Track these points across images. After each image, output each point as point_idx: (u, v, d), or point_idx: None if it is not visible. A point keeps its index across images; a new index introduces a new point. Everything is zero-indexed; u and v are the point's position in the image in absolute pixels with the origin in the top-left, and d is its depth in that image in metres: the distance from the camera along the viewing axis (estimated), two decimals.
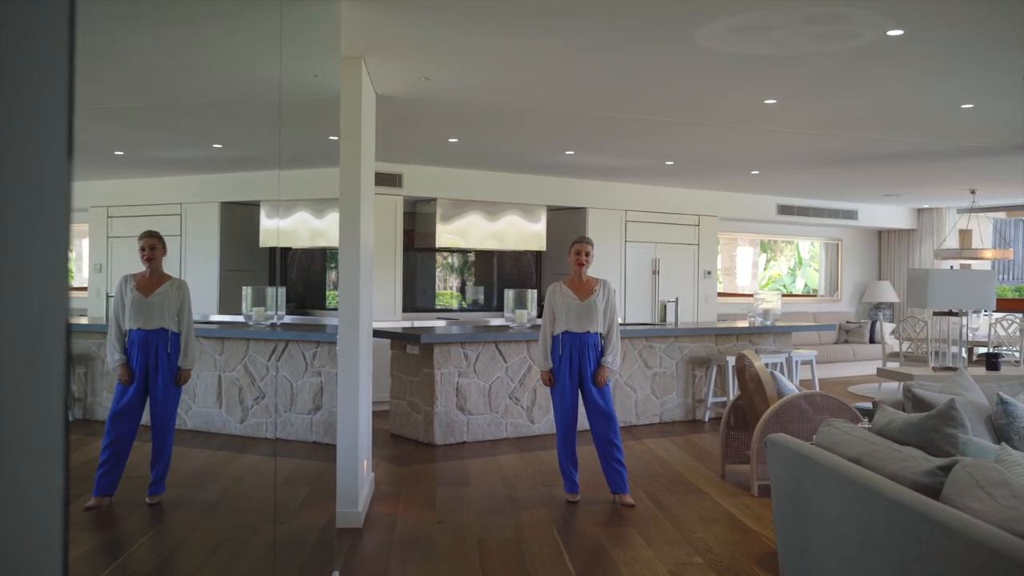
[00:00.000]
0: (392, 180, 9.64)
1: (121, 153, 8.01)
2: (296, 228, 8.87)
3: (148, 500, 5.55)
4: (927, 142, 7.88)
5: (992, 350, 11.37)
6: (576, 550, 4.82)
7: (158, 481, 5.61)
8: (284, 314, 8.04)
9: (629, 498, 5.73)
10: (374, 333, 6.82)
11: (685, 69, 5.34)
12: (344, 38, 4.73)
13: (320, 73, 5.46)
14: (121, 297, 5.48)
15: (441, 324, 9.35)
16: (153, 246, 5.64)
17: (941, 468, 2.82)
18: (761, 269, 15.42)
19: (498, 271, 11.69)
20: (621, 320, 9.76)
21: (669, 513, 5.53)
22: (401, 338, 7.90)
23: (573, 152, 8.82)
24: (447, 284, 11.74)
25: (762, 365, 6.15)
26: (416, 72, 5.49)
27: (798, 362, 9.49)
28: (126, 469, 5.83)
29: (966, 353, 10.75)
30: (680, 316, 10.08)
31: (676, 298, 9.96)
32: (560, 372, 5.80)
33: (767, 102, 6.19)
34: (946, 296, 9.68)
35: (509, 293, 8.60)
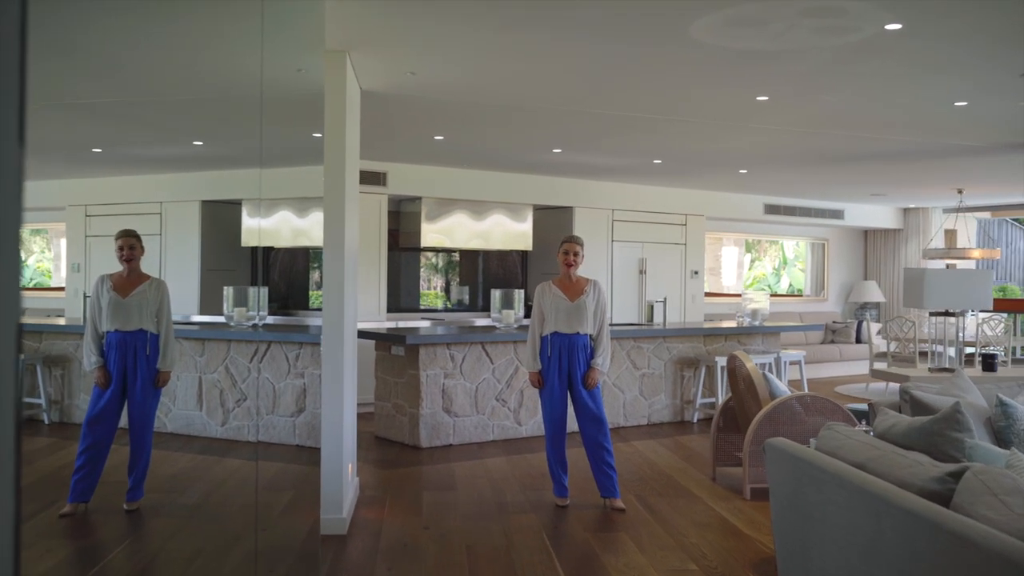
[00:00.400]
0: (376, 179, 9.50)
1: (99, 150, 7.81)
2: (279, 227, 8.78)
3: (126, 506, 5.39)
4: (917, 140, 7.82)
5: (981, 350, 11.35)
6: (567, 557, 4.70)
7: (136, 486, 5.44)
8: (266, 315, 7.89)
9: (620, 502, 5.62)
10: (358, 334, 6.68)
11: (678, 64, 5.23)
12: (328, 31, 4.60)
13: (304, 67, 5.32)
14: (97, 298, 5.30)
15: (426, 325, 9.22)
16: (132, 246, 5.46)
17: (951, 475, 2.72)
18: (746, 269, 15.38)
19: (483, 271, 11.57)
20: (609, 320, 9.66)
21: (661, 518, 5.42)
22: (386, 339, 7.76)
23: (560, 150, 8.71)
24: (431, 284, 11.62)
25: (754, 366, 6.05)
26: (402, 66, 5.36)
27: (787, 362, 9.42)
28: (103, 474, 5.64)
29: (955, 354, 10.70)
30: (667, 316, 9.99)
31: (664, 298, 9.86)
32: (549, 374, 5.68)
33: (759, 99, 6.09)
34: (943, 296, 9.63)
35: (496, 293, 8.47)
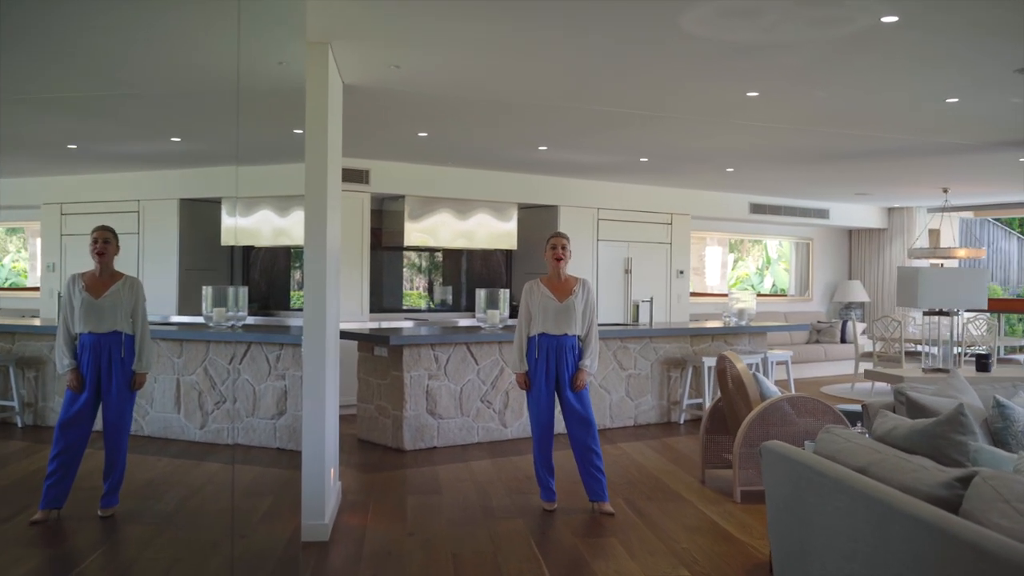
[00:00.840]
0: (359, 176, 9.35)
1: (75, 147, 7.59)
2: (259, 226, 8.61)
3: (100, 513, 5.21)
4: (905, 138, 7.75)
5: (968, 350, 11.33)
6: (556, 563, 4.58)
7: (111, 492, 5.26)
8: (246, 315, 7.73)
9: (608, 506, 5.50)
10: (341, 335, 6.54)
11: (667, 57, 5.13)
12: (310, 20, 4.46)
13: (284, 60, 5.17)
14: (69, 299, 5.10)
15: (409, 325, 9.08)
16: (107, 239, 5.25)
17: (958, 480, 2.62)
18: (729, 269, 15.33)
19: (467, 271, 11.44)
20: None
21: (650, 522, 5.31)
22: (369, 339, 7.61)
23: (546, 147, 8.59)
24: (414, 284, 11.48)
25: (744, 366, 5.95)
26: (386, 59, 5.23)
27: (774, 363, 9.34)
28: (77, 479, 5.45)
29: (946, 354, 10.66)
30: (653, 316, 9.89)
31: (651, 298, 9.77)
32: (536, 375, 5.55)
33: (749, 94, 6.00)
34: (937, 295, 9.56)
35: (481, 293, 8.34)
